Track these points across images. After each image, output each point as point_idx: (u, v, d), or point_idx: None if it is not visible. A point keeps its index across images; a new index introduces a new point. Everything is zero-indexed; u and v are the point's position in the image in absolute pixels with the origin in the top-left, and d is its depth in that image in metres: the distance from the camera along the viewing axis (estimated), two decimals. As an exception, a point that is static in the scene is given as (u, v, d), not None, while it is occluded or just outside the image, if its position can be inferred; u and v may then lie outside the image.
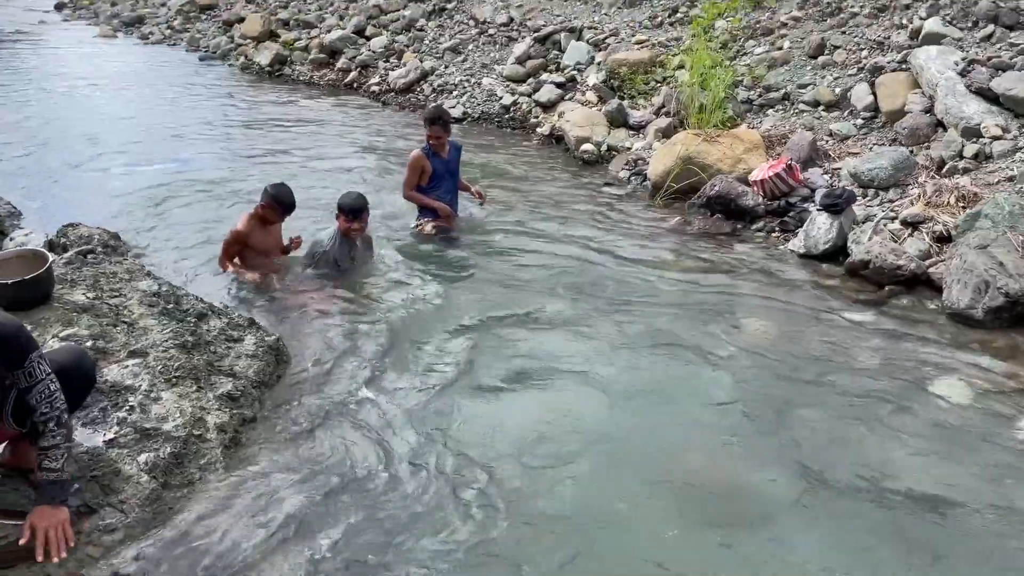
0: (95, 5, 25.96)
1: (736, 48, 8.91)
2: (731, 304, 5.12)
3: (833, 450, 3.52)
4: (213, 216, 6.47)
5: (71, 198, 6.98)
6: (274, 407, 3.74)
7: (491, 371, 4.13)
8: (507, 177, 7.96)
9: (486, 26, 12.14)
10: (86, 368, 2.97)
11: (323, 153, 8.79)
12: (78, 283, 4.02)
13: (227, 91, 12.82)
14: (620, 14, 10.97)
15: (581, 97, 9.73)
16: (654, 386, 4.05)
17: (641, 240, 6.26)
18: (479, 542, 2.91)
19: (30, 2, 30.07)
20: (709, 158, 7.05)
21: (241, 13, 16.81)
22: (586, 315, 4.86)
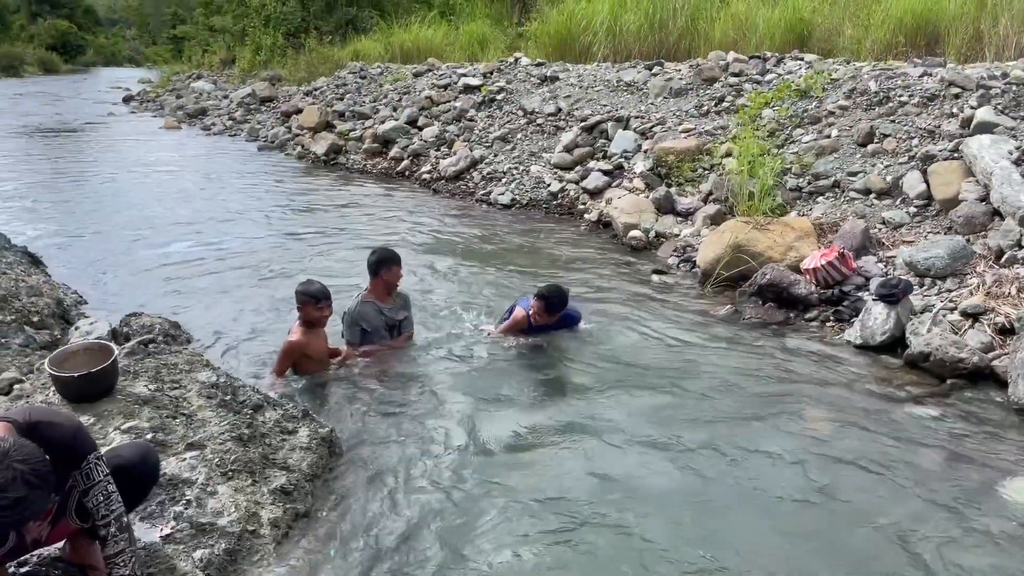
0: (161, 98, 27.41)
1: (784, 136, 8.98)
2: (787, 395, 5.01)
3: (898, 554, 3.36)
4: (267, 304, 6.63)
5: (133, 284, 7.22)
6: (326, 501, 3.73)
7: (546, 464, 4.08)
8: (556, 263, 8.03)
9: (534, 116, 12.46)
10: (151, 464, 3.02)
11: (375, 238, 8.99)
12: (140, 375, 4.11)
13: (284, 179, 13.31)
14: (666, 104, 11.17)
15: (628, 184, 9.85)
16: (710, 482, 3.94)
17: (692, 328, 6.21)
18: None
19: (99, 95, 31.91)
20: (759, 246, 7.03)
21: (299, 105, 17.57)
22: (637, 405, 4.80)
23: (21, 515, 2.32)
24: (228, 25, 35.60)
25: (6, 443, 2.32)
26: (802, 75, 9.98)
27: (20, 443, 2.35)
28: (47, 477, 2.39)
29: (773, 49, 12.16)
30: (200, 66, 35.93)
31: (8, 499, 2.27)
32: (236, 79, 27.59)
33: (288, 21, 26.45)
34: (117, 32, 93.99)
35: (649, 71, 12.36)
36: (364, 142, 14.40)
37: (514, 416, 4.63)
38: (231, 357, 5.38)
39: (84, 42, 72.05)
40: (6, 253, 6.99)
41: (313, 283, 4.95)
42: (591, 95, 12.30)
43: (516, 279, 7.44)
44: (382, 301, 5.47)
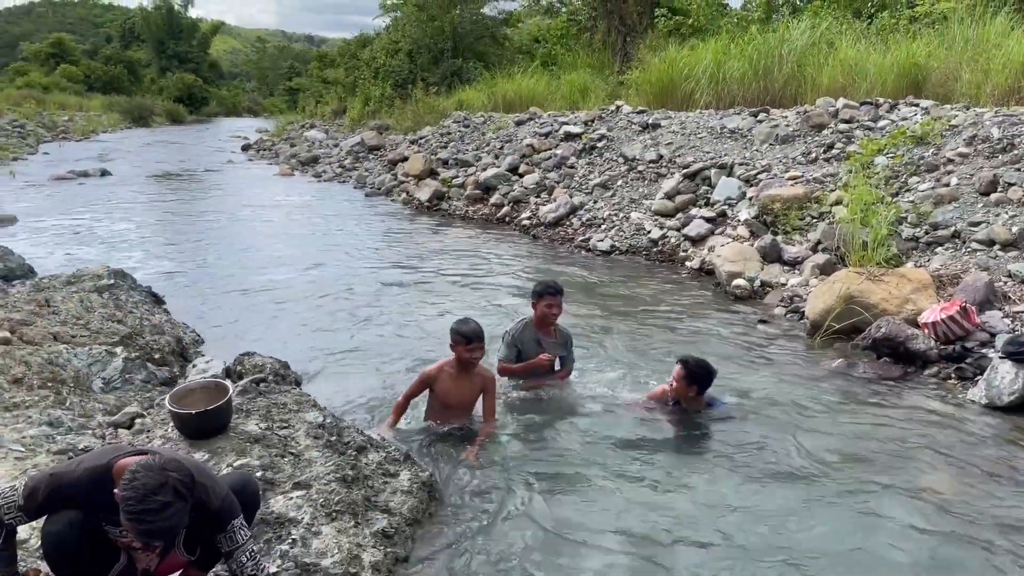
0: (276, 146, 28.86)
1: (898, 184, 8.63)
2: (906, 456, 4.72)
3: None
4: (373, 345, 6.79)
5: (246, 323, 7.53)
6: (425, 547, 3.72)
7: (654, 519, 3.96)
8: (656, 312, 7.91)
9: (635, 163, 12.45)
10: (251, 492, 3.13)
11: (475, 281, 9.10)
12: (252, 413, 4.26)
13: (389, 223, 13.72)
14: (772, 150, 10.96)
15: (732, 232, 9.66)
16: (826, 550, 3.73)
17: (802, 382, 5.97)
18: None
19: (220, 144, 33.89)
20: (873, 297, 6.74)
21: (405, 153, 18.15)
22: (748, 464, 4.62)
23: (163, 522, 2.43)
24: (340, 77, 37.33)
25: (163, 458, 2.48)
26: (918, 121, 9.62)
27: (174, 459, 2.51)
28: (191, 493, 2.52)
29: (884, 95, 11.80)
30: (313, 116, 37.74)
31: (157, 502, 2.39)
32: (346, 128, 28.79)
33: (396, 73, 27.50)
34: (238, 85, 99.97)
35: (754, 118, 12.18)
36: (466, 189, 14.70)
37: (623, 478, 4.51)
38: (337, 398, 5.49)
39: (208, 94, 76.85)
40: (133, 293, 7.42)
41: (468, 322, 4.75)
42: (693, 142, 12.21)
43: (620, 327, 7.36)
44: (542, 332, 5.53)
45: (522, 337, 5.50)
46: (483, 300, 8.42)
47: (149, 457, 2.53)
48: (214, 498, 2.70)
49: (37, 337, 5.44)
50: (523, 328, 5.54)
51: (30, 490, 2.64)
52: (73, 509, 2.65)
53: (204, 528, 2.73)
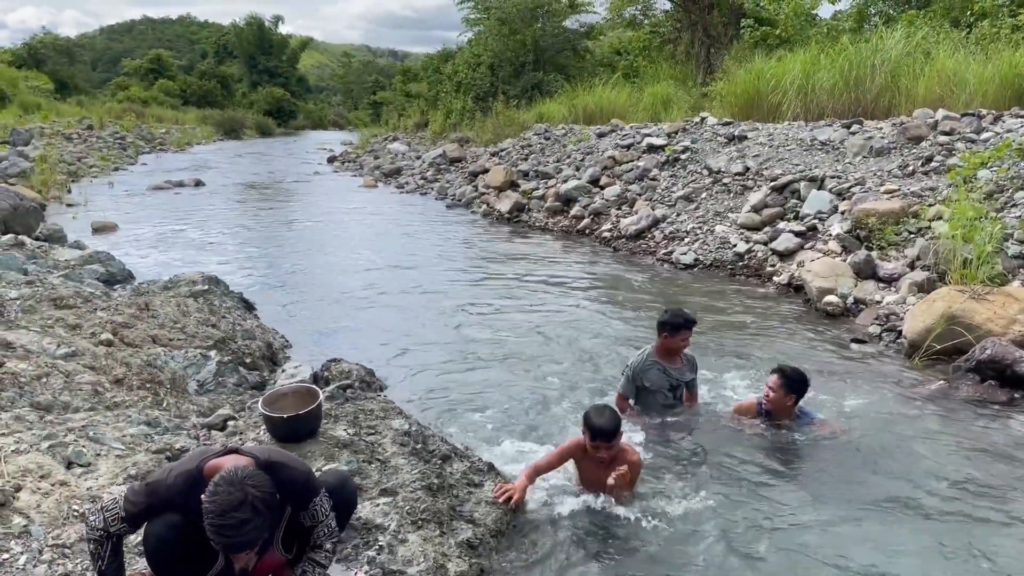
0: (360, 158, 29.52)
1: (1004, 199, 8.20)
2: (1012, 485, 4.45)
3: None
4: (456, 353, 6.82)
5: (332, 330, 7.68)
6: (509, 558, 3.68)
7: (749, 539, 3.83)
8: (744, 329, 7.70)
9: (720, 175, 12.22)
10: (349, 491, 3.23)
11: (554, 291, 9.06)
12: (340, 419, 4.31)
13: (470, 234, 13.84)
14: (866, 163, 10.58)
15: (823, 246, 9.35)
16: None
17: (901, 405, 5.70)
18: None
19: (307, 156, 34.88)
20: (977, 317, 6.40)
21: (486, 165, 18.29)
22: (846, 489, 4.42)
23: (242, 537, 2.49)
24: (423, 91, 37.97)
25: (246, 471, 2.53)
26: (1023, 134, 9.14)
27: (258, 473, 2.56)
28: (273, 508, 2.56)
29: (985, 106, 11.27)
30: (396, 129, 38.44)
31: (235, 519, 2.45)
32: (428, 141, 29.22)
33: (478, 86, 27.79)
34: (324, 99, 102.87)
35: (846, 129, 11.79)
36: (546, 200, 14.70)
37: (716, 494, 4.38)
38: (421, 405, 5.53)
39: (295, 108, 79.29)
40: (225, 298, 7.66)
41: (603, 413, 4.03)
42: (781, 154, 11.90)
43: (706, 343, 7.19)
44: (667, 362, 5.30)
45: (644, 370, 5.26)
46: (567, 310, 8.38)
47: (231, 467, 2.58)
48: (296, 478, 2.79)
49: (137, 339, 5.66)
50: (644, 360, 5.28)
51: (130, 500, 2.74)
52: (172, 512, 2.72)
53: (289, 504, 2.80)
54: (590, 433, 3.95)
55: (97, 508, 2.77)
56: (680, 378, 5.34)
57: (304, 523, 2.84)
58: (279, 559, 2.94)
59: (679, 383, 5.34)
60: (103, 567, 2.74)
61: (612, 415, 4.01)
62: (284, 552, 2.93)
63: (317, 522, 2.85)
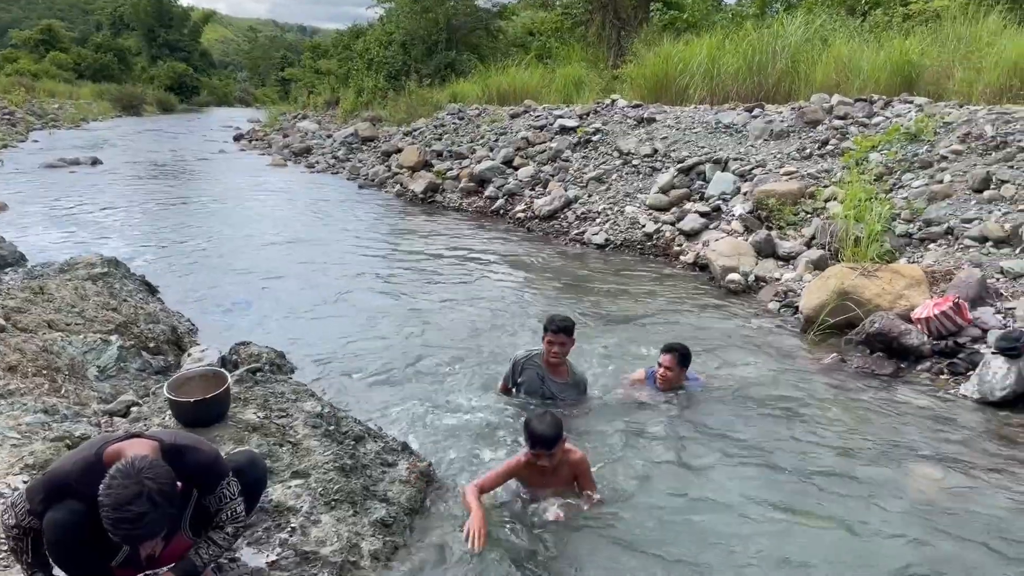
0: (268, 137, 28.73)
1: (892, 181, 8.67)
2: (898, 452, 4.75)
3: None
4: (368, 335, 6.78)
5: (240, 313, 7.52)
6: (424, 535, 3.73)
7: (646, 511, 3.99)
8: (651, 307, 7.93)
9: (630, 157, 12.46)
10: (260, 469, 3.20)
11: (467, 274, 9.10)
12: (250, 402, 4.26)
13: (382, 215, 13.72)
14: (767, 146, 10.99)
15: (726, 227, 9.69)
16: (802, 541, 3.75)
17: (795, 377, 6.00)
18: None
19: (211, 134, 33.71)
20: (866, 293, 6.77)
21: (399, 145, 18.11)
22: (738, 457, 4.65)
23: (139, 531, 2.45)
24: (333, 68, 37.17)
25: (143, 462, 2.47)
26: (912, 118, 9.66)
27: (155, 463, 2.51)
28: (172, 500, 2.52)
29: (878, 92, 11.84)
30: (305, 107, 37.58)
31: (131, 512, 2.41)
32: (339, 119, 28.69)
33: (390, 65, 27.41)
34: (229, 74, 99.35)
35: (749, 113, 12.21)
36: (460, 181, 14.68)
37: (613, 464, 4.55)
38: (334, 387, 5.50)
39: (199, 83, 76.39)
40: (126, 281, 7.39)
41: (543, 419, 3.90)
42: (688, 137, 12.22)
43: (614, 320, 7.40)
44: (550, 369, 5.06)
45: (526, 368, 5.08)
46: (480, 290, 8.44)
47: (128, 459, 2.51)
48: (204, 461, 2.78)
49: (31, 325, 5.42)
50: (528, 359, 5.09)
51: (31, 491, 2.67)
52: (72, 500, 2.65)
53: (196, 488, 2.78)
54: (530, 441, 3.84)
55: (8, 505, 2.69)
56: (557, 393, 5.06)
57: (210, 507, 2.81)
58: (187, 543, 2.90)
59: (553, 397, 5.06)
60: (29, 560, 2.67)
61: (553, 421, 3.88)
62: (192, 536, 2.89)
63: (223, 506, 2.82)
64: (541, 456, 3.83)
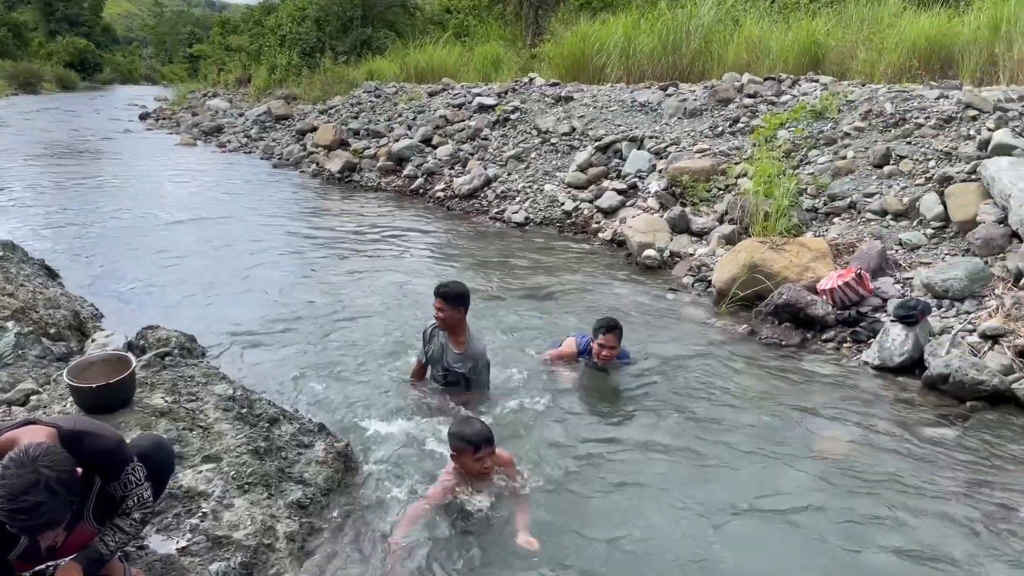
0: (177, 115, 27.69)
1: (799, 157, 8.96)
2: (803, 417, 4.96)
3: None
4: (281, 316, 6.63)
5: (148, 298, 7.24)
6: (342, 516, 3.69)
7: (556, 482, 4.05)
8: (570, 281, 8.01)
9: (548, 136, 12.51)
10: (166, 452, 3.08)
11: (389, 255, 9.01)
12: (157, 387, 4.12)
13: (298, 195, 13.40)
14: (680, 124, 11.20)
15: (643, 204, 9.85)
16: (721, 503, 3.88)
17: (707, 348, 6.17)
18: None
19: (116, 112, 32.27)
20: (775, 266, 7.00)
21: (314, 123, 17.71)
22: (651, 425, 4.77)
23: (37, 520, 2.35)
24: (244, 44, 36.01)
25: (38, 449, 2.36)
26: (817, 96, 9.99)
27: (51, 450, 2.40)
28: (71, 487, 2.42)
29: (786, 71, 12.20)
30: (216, 84, 36.35)
31: (28, 502, 2.30)
32: (252, 97, 27.86)
33: (303, 41, 26.71)
34: (134, 50, 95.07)
35: (663, 92, 12.40)
36: (378, 160, 14.48)
37: (530, 435, 4.60)
38: (247, 370, 5.36)
39: (101, 60, 72.94)
40: (24, 266, 7.02)
41: (471, 423, 3.82)
42: (605, 115, 12.34)
43: (534, 297, 7.45)
44: (450, 341, 4.90)
45: (433, 336, 4.94)
46: (397, 269, 8.35)
47: (23, 446, 2.39)
48: (106, 447, 2.67)
49: (-83, 312, 5.10)
50: (435, 327, 4.93)
51: None
52: None
53: (99, 474, 2.67)
54: (472, 447, 3.64)
55: None
56: (451, 363, 4.90)
57: (116, 494, 2.71)
58: (91, 532, 2.79)
59: (449, 370, 4.92)
60: None
61: (478, 420, 3.84)
62: (96, 524, 2.78)
63: (128, 492, 2.71)
64: (484, 457, 3.67)
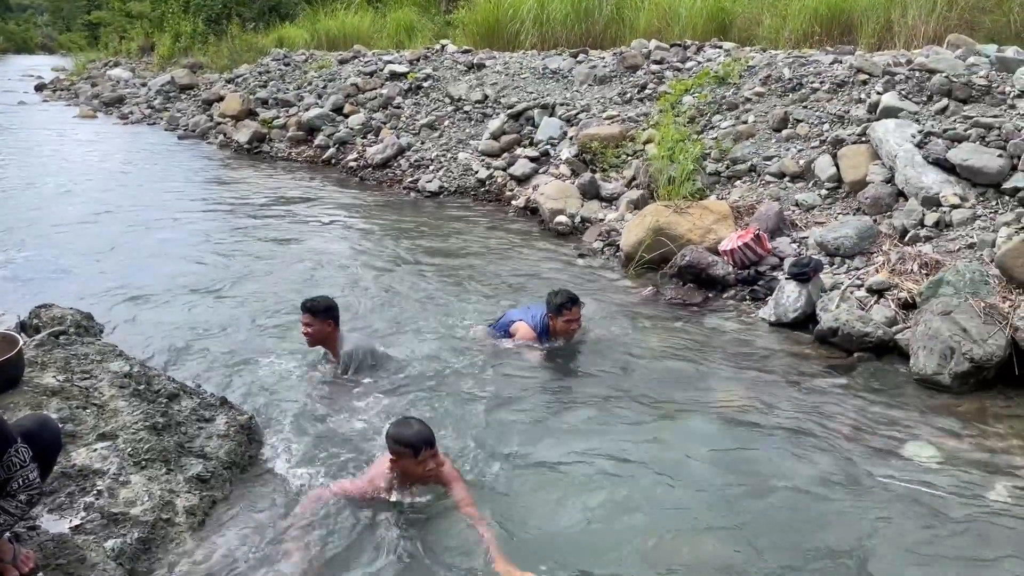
0: (75, 86, 26.39)
1: (703, 122, 9.18)
2: (703, 373, 5.16)
3: (805, 518, 3.53)
4: (182, 293, 6.49)
5: (43, 278, 6.95)
6: (245, 488, 3.69)
7: (463, 447, 4.12)
8: (484, 250, 8.06)
9: (461, 103, 12.44)
10: (51, 430, 2.98)
11: (299, 229, 8.87)
12: (48, 366, 4.00)
13: (204, 168, 13.01)
14: (591, 91, 11.29)
15: (555, 171, 9.94)
16: (624, 458, 4.03)
17: (614, 310, 6.32)
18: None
19: (9, 84, 30.51)
20: (679, 229, 7.19)
21: (220, 92, 17.15)
22: (557, 385, 4.89)
23: None
24: (146, 11, 34.40)
25: None
26: (720, 63, 10.22)
27: None
28: None
29: (696, 38, 12.41)
30: (117, 53, 34.70)
31: None
32: (155, 67, 26.73)
33: (209, 7, 25.71)
34: (28, 18, 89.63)
35: (574, 59, 12.46)
36: (288, 130, 14.15)
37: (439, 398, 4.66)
38: (146, 347, 5.24)
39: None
40: (-96, 246, 6.67)
41: (410, 424, 3.57)
42: (517, 83, 12.34)
43: (449, 266, 7.47)
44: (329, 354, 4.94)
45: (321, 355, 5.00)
46: (300, 243, 8.24)
47: None
48: None
49: None
50: None
51: None
52: None
53: None
54: (412, 448, 3.42)
55: None
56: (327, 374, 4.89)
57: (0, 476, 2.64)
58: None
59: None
60: None
61: (417, 420, 3.62)
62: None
63: (13, 474, 2.64)
64: (427, 459, 3.46)
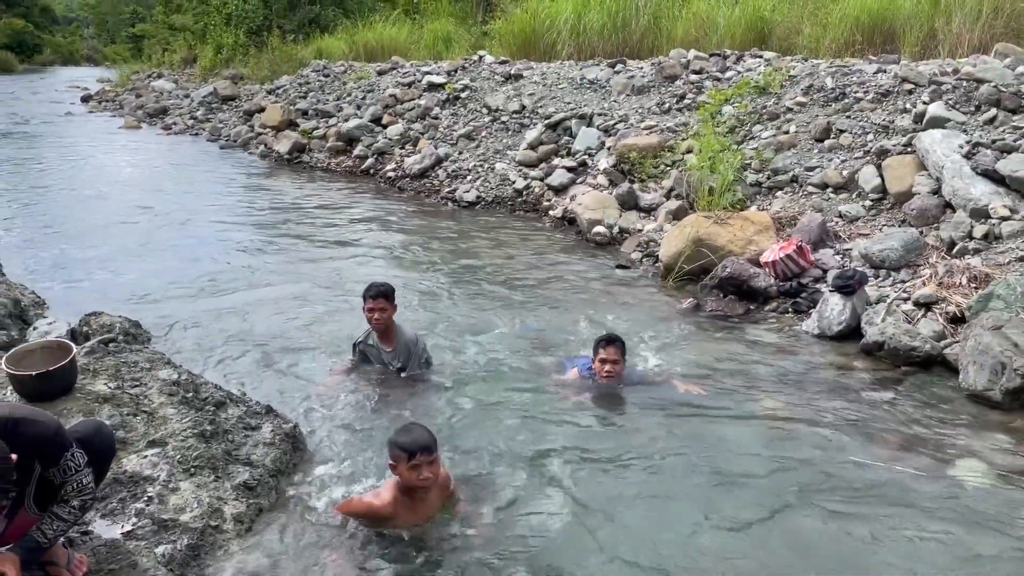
0: (120, 97, 26.99)
1: (743, 132, 9.11)
2: (747, 386, 5.10)
3: (853, 534, 3.46)
4: (227, 303, 6.59)
5: (92, 286, 7.12)
6: (291, 496, 3.72)
7: (511, 455, 4.12)
8: (521, 260, 8.07)
9: (499, 113, 12.50)
10: (105, 435, 3.03)
11: (339, 239, 8.96)
12: (100, 373, 4.08)
13: (246, 178, 13.22)
14: (629, 101, 11.27)
15: (592, 181, 9.93)
16: (669, 470, 4.01)
17: (655, 322, 6.29)
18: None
19: (56, 95, 31.31)
20: (720, 240, 7.14)
21: (262, 103, 17.43)
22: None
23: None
24: (189, 23, 35.13)
25: None
26: (761, 72, 10.14)
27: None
28: (6, 475, 2.40)
29: (733, 47, 12.34)
30: (160, 65, 35.44)
31: None
32: (197, 78, 27.25)
33: (250, 19, 26.17)
34: (74, 31, 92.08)
35: (612, 69, 12.45)
36: (328, 140, 14.32)
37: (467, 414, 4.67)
38: (193, 355, 5.33)
39: (41, 41, 70.64)
40: (-40, 254, 6.86)
41: (411, 430, 3.41)
42: (555, 93, 12.36)
43: (486, 277, 7.49)
44: (381, 341, 5.01)
45: (366, 344, 5.07)
46: (343, 253, 8.32)
47: None
48: (43, 433, 2.63)
49: None
50: (364, 340, 5.08)
51: None
52: None
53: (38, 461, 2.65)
54: (407, 453, 3.27)
55: None
56: (388, 361, 5.01)
57: (55, 480, 2.70)
58: (34, 519, 2.78)
59: (385, 365, 5.03)
60: None
61: (420, 426, 3.47)
62: (38, 512, 2.77)
63: (68, 478, 2.69)
64: (422, 465, 3.27)
